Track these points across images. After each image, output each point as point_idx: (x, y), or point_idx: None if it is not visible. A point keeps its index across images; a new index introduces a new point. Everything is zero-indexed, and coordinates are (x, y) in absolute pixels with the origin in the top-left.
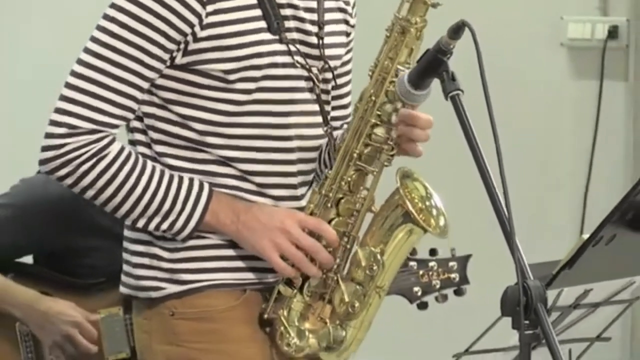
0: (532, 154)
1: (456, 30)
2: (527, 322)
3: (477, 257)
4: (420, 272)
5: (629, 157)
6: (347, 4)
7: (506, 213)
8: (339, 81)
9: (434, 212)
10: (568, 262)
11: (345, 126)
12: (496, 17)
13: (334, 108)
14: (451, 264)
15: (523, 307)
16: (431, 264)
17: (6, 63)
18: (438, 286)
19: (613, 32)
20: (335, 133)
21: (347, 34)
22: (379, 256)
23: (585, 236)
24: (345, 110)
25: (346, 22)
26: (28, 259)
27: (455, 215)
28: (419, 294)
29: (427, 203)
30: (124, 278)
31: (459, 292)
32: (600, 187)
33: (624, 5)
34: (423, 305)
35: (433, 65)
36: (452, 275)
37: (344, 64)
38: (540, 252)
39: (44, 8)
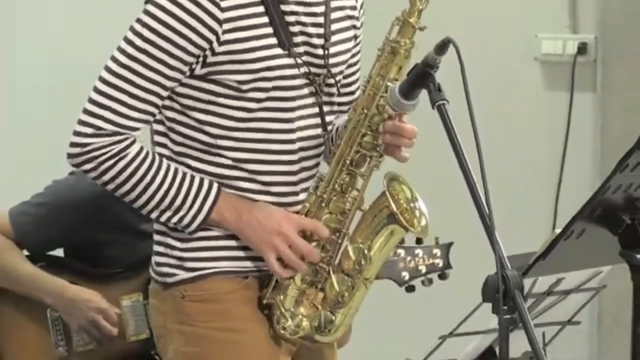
0: (509, 158)
1: (442, 47)
2: (505, 307)
3: (460, 249)
4: (408, 259)
5: (597, 160)
6: (354, 9)
7: (487, 210)
8: (347, 80)
9: (417, 213)
10: (542, 254)
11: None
12: (478, 34)
13: (342, 104)
14: (435, 251)
15: (502, 294)
16: (417, 251)
17: (24, 65)
18: (424, 271)
19: (582, 48)
20: (341, 120)
21: (355, 38)
22: (366, 251)
23: (558, 231)
24: (354, 97)
25: (354, 27)
26: (58, 252)
27: (441, 211)
28: (407, 278)
29: (412, 205)
30: (151, 262)
31: (442, 276)
32: (571, 187)
33: (592, 24)
34: (410, 288)
35: (421, 78)
36: (436, 261)
37: (350, 66)
38: (517, 244)
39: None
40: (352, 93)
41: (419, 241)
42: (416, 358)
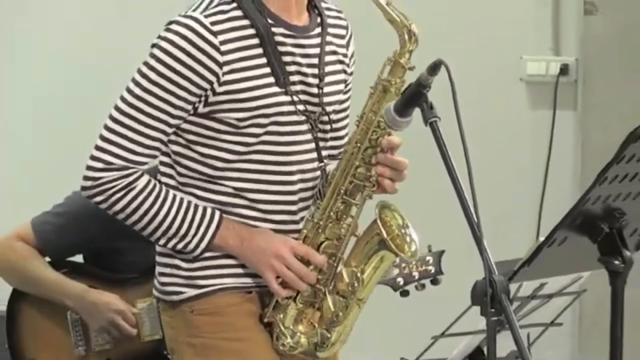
0: (496, 171)
1: (434, 68)
2: (493, 310)
3: (451, 256)
4: (402, 265)
5: (577, 174)
6: (345, 56)
7: (475, 219)
8: (337, 125)
9: (408, 239)
10: (527, 260)
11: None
12: (467, 56)
13: (333, 147)
14: (428, 258)
15: (489, 297)
16: None
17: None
18: (417, 277)
19: (564, 70)
20: (332, 166)
21: (345, 82)
22: (359, 275)
23: (541, 239)
24: (343, 142)
25: (344, 72)
26: (78, 258)
27: (433, 221)
28: (401, 283)
29: (403, 231)
30: (154, 283)
31: (434, 282)
32: (554, 199)
33: (573, 47)
34: (405, 293)
35: (415, 97)
36: (429, 268)
37: (342, 104)
38: (503, 252)
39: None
40: (342, 138)
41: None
42: (410, 357)
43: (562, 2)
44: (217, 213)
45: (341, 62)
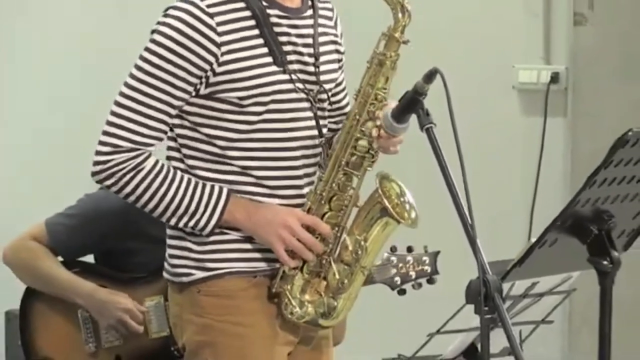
0: (490, 175)
1: (430, 76)
2: (486, 308)
3: (446, 256)
4: (399, 265)
5: (567, 177)
6: (336, 36)
7: (469, 221)
8: (337, 97)
9: (407, 206)
10: (519, 261)
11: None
12: (461, 65)
13: (337, 117)
14: (424, 258)
15: (483, 296)
16: (408, 258)
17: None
18: (414, 276)
19: (555, 78)
20: (332, 135)
21: (339, 60)
22: (362, 242)
23: (533, 240)
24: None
25: (337, 51)
26: (90, 258)
27: (429, 222)
28: (399, 282)
29: (402, 199)
30: (165, 266)
31: (430, 281)
32: (545, 201)
33: (563, 56)
34: (402, 292)
35: (411, 104)
36: (425, 268)
37: (338, 84)
38: (496, 252)
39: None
40: (343, 108)
41: (409, 249)
42: (407, 353)
43: (552, 13)
44: (225, 189)
45: (334, 42)
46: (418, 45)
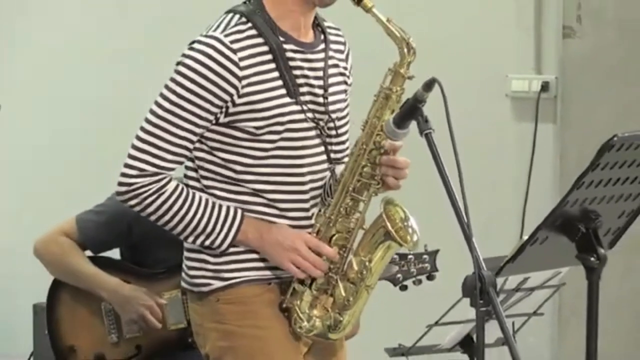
0: (485, 177)
1: (429, 85)
2: (481, 301)
3: (444, 253)
4: (402, 263)
5: (557, 179)
6: (345, 69)
7: (466, 221)
8: (340, 130)
9: (410, 230)
10: (512, 257)
11: (345, 159)
12: (458, 75)
13: (336, 151)
14: (424, 256)
15: (479, 290)
16: (409, 256)
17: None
18: (415, 273)
19: (545, 87)
20: (338, 167)
21: (345, 92)
22: (367, 263)
23: (525, 238)
24: (345, 150)
25: (345, 83)
26: (115, 254)
27: (428, 223)
28: (401, 279)
29: (405, 223)
30: (183, 276)
31: (430, 278)
32: (536, 202)
33: (553, 66)
34: (404, 287)
35: (411, 111)
36: (425, 265)
37: (343, 116)
38: (491, 249)
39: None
40: (344, 142)
41: (410, 251)
42: (407, 343)
43: (543, 27)
44: (239, 211)
45: (342, 74)
46: (419, 57)
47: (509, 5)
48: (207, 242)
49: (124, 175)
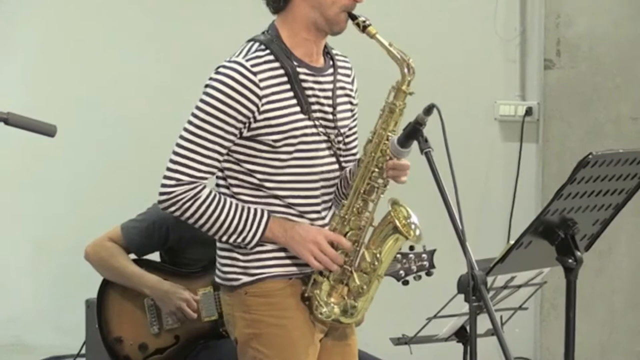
0: (476, 189)
1: (428, 110)
2: (474, 297)
3: (441, 254)
4: (403, 261)
5: (539, 191)
6: (352, 91)
7: (460, 226)
8: (348, 140)
9: (413, 226)
10: (500, 259)
11: (354, 164)
12: (453, 101)
13: (347, 156)
14: (423, 255)
15: (471, 287)
16: (410, 255)
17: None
18: (415, 270)
19: (529, 111)
20: (346, 171)
21: (352, 110)
22: (378, 255)
23: (512, 242)
24: (355, 156)
25: (350, 103)
26: (155, 256)
27: (428, 227)
28: (403, 275)
29: (409, 220)
30: (216, 272)
31: (428, 274)
32: (521, 211)
33: (536, 94)
34: (405, 283)
35: (413, 132)
36: (424, 263)
37: (350, 128)
38: (482, 252)
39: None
40: (354, 154)
41: (411, 248)
42: (409, 333)
43: (526, 60)
44: (266, 212)
45: (348, 95)
46: (419, 86)
47: (498, 41)
48: (239, 240)
49: (163, 185)
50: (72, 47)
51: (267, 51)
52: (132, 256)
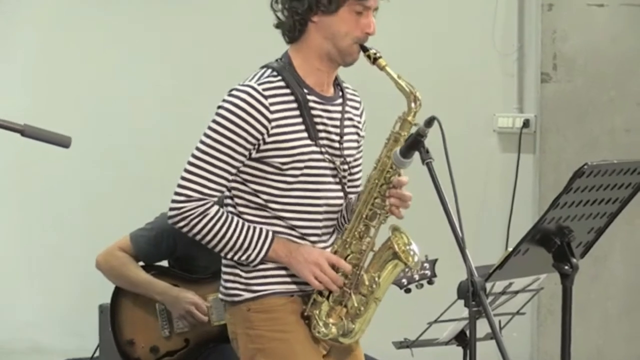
0: (476, 198)
1: (429, 122)
2: (473, 303)
3: (442, 261)
4: (406, 270)
5: (536, 201)
6: (359, 122)
7: (460, 235)
8: (353, 170)
9: (412, 253)
10: (499, 265)
11: (356, 195)
12: (454, 114)
13: (350, 187)
14: (425, 264)
15: (471, 293)
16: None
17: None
18: (417, 279)
19: (526, 123)
20: (350, 197)
21: (358, 141)
22: (377, 279)
23: (510, 249)
24: (357, 188)
25: (357, 134)
26: (164, 263)
27: (429, 236)
28: (405, 283)
29: (408, 247)
30: (220, 288)
31: (430, 282)
32: (518, 219)
33: (533, 106)
34: (408, 290)
35: (415, 144)
36: (426, 272)
37: (355, 159)
38: (481, 259)
39: None
40: (357, 186)
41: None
42: (412, 337)
43: (524, 74)
44: (270, 232)
45: (355, 127)
46: (422, 99)
47: (496, 56)
48: (243, 257)
49: (174, 201)
50: (73, 48)
51: (279, 77)
52: (142, 263)
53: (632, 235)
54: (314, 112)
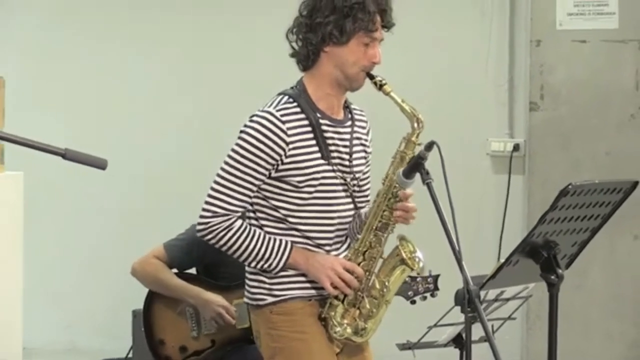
0: (471, 216)
1: (429, 146)
2: (469, 309)
3: (440, 272)
4: (411, 283)
5: (525, 217)
6: (366, 141)
7: (457, 248)
8: (362, 183)
9: (417, 259)
10: (492, 275)
11: (367, 207)
12: (450, 139)
13: (360, 201)
14: (429, 279)
15: (467, 300)
16: (417, 278)
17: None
18: (422, 291)
19: (516, 147)
20: (361, 211)
21: (366, 157)
22: (387, 283)
23: (502, 261)
24: (367, 200)
25: (365, 151)
26: (193, 271)
27: (429, 249)
28: (411, 295)
29: (414, 255)
30: (245, 292)
31: (433, 295)
32: (509, 234)
33: (522, 132)
34: (413, 302)
35: (416, 165)
36: (430, 285)
37: (364, 173)
38: (476, 269)
39: None
40: (367, 200)
41: (419, 273)
42: (413, 339)
43: (514, 102)
44: (289, 242)
45: (363, 144)
46: (424, 127)
47: (490, 86)
48: (266, 266)
49: (202, 217)
50: (112, 74)
51: (295, 104)
52: (175, 270)
53: (612, 249)
54: (326, 134)
